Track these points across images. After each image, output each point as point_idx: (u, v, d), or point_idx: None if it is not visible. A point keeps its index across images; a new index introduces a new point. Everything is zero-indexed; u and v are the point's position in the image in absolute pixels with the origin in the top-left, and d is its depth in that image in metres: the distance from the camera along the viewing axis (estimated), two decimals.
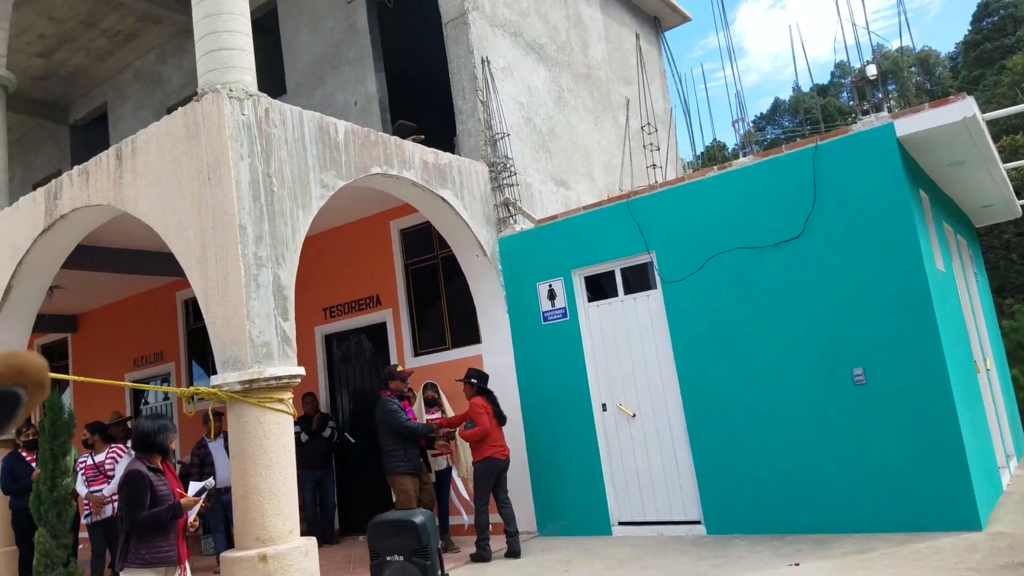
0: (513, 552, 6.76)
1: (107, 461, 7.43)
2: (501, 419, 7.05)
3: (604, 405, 7.75)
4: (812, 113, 25.57)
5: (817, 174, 6.53)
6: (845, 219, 6.41)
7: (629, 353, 7.64)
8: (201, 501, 4.34)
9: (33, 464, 7.63)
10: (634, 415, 7.56)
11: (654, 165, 11.94)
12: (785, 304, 6.65)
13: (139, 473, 4.42)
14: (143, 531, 4.33)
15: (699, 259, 7.11)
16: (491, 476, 7.00)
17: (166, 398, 12.15)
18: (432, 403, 8.30)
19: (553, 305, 8.06)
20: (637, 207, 7.53)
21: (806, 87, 30.43)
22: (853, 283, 6.35)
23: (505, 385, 8.20)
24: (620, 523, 7.60)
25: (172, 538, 4.36)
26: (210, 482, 4.49)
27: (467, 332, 8.95)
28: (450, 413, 8.30)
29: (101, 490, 7.21)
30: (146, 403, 12.54)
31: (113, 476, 7.24)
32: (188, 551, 4.43)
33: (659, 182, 8.00)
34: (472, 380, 7.20)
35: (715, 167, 7.15)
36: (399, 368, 7.59)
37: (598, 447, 7.71)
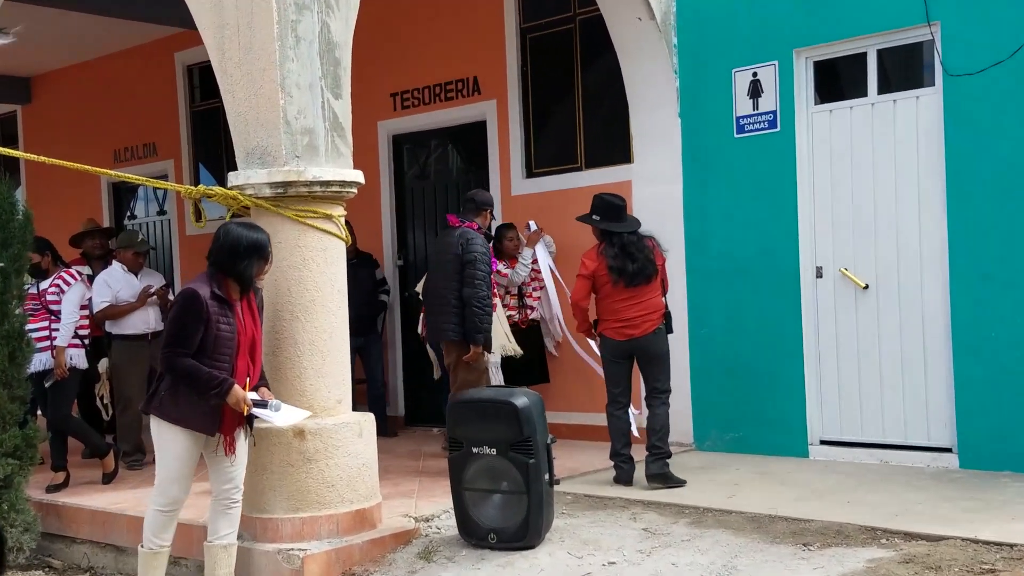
0: (651, 474, 7.05)
1: (50, 290, 7.99)
2: (629, 278, 7.03)
3: (819, 269, 7.83)
4: None
5: None
6: None
7: (872, 190, 7.58)
8: (252, 414, 5.14)
9: None
10: (866, 286, 7.61)
11: None
12: None
13: (194, 296, 5.09)
14: (177, 380, 5.14)
15: (1013, 40, 6.81)
16: (612, 364, 7.25)
17: (161, 210, 12.72)
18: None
19: (756, 107, 7.98)
20: None
21: None
22: None
23: (665, 229, 8.16)
24: (823, 441, 7.87)
25: (213, 406, 5.18)
26: (276, 408, 5.21)
27: (612, 144, 8.96)
28: (520, 274, 8.71)
29: (46, 328, 7.84)
30: (132, 216, 13.17)
31: (58, 311, 7.87)
32: (237, 421, 5.25)
33: None
34: (593, 217, 7.20)
35: None
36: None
37: (801, 331, 7.82)
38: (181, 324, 5.08)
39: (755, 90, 7.95)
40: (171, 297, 9.06)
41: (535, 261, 8.75)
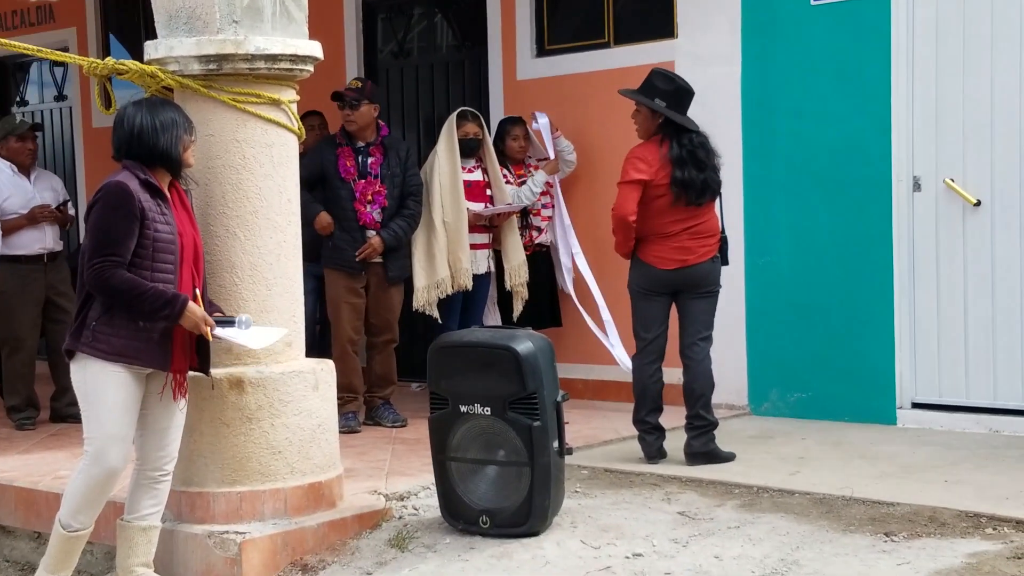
0: (693, 452, 7.07)
1: None
2: (696, 194, 7.03)
3: (917, 180, 7.84)
4: None
5: None
6: None
7: (990, 78, 7.56)
8: (222, 336, 5.20)
9: None
10: (978, 203, 7.61)
11: None
12: None
13: (123, 189, 5.08)
14: (115, 300, 5.10)
15: None
16: (647, 300, 7.21)
17: (60, 95, 12.71)
18: (471, 149, 8.69)
19: None
20: None
21: None
22: None
23: (716, 126, 8.08)
24: (915, 404, 7.92)
25: (163, 331, 5.19)
26: (246, 324, 5.30)
27: (649, 13, 9.02)
28: (523, 199, 8.78)
29: None
30: (22, 102, 13.11)
31: None
32: (188, 353, 5.31)
33: None
34: (657, 101, 7.05)
35: None
36: (353, 84, 8.40)
37: (892, 260, 7.87)
38: (110, 224, 5.01)
39: None
40: (72, 212, 9.07)
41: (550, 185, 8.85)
